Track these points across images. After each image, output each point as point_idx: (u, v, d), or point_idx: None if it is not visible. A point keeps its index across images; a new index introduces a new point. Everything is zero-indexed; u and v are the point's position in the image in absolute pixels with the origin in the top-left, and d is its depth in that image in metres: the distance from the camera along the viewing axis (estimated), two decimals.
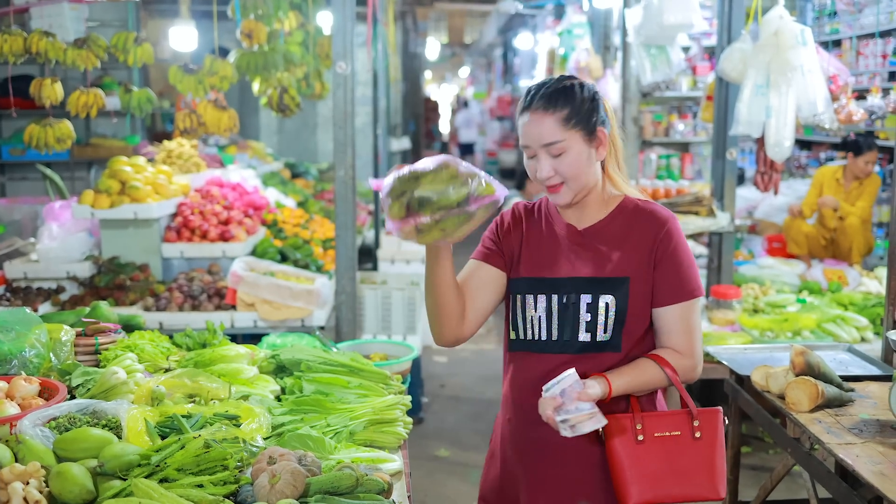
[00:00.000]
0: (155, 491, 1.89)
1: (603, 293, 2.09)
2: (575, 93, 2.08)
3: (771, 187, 5.04)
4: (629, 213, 2.15)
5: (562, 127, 2.05)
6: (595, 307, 2.09)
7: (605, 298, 2.09)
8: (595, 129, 2.08)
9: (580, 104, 2.07)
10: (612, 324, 2.09)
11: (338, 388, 2.65)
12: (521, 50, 16.28)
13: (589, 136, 2.08)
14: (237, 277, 4.45)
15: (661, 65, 6.39)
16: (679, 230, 2.13)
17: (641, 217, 2.14)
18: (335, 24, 4.37)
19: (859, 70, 6.49)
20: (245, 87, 8.05)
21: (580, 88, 2.09)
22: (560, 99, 2.06)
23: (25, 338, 2.65)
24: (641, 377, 2.08)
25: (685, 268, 2.11)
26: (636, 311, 2.11)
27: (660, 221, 2.12)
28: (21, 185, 8.48)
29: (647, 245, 2.11)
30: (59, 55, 4.25)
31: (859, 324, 4.57)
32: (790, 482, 4.35)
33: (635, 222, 2.13)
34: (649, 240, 2.11)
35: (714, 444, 2.09)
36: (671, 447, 2.07)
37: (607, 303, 2.09)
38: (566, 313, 2.11)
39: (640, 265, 2.10)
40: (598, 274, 2.11)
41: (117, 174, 4.77)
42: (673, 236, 2.11)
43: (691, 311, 2.11)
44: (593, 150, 2.09)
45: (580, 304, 2.10)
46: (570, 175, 2.07)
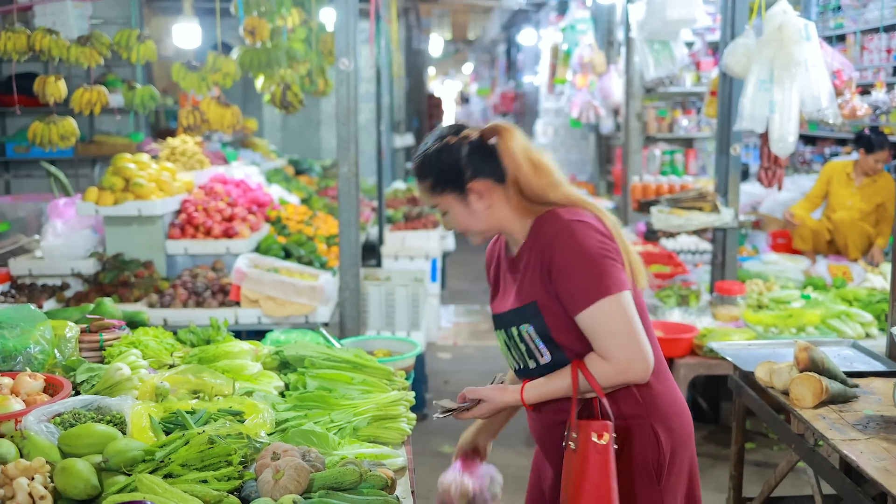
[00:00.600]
0: (159, 486, 1.90)
1: (522, 322, 2.16)
2: (436, 161, 2.18)
3: (775, 183, 5.03)
4: (535, 234, 2.16)
5: (432, 193, 2.22)
6: (522, 337, 2.17)
7: (526, 327, 2.16)
8: (465, 186, 2.16)
9: (441, 172, 2.17)
10: (543, 347, 2.15)
11: (341, 384, 2.65)
12: (524, 46, 16.26)
13: (461, 194, 2.18)
14: (241, 274, 4.46)
15: (664, 60, 6.38)
16: (568, 236, 2.07)
17: (539, 235, 2.14)
18: (338, 20, 4.37)
19: (863, 65, 6.47)
20: (248, 83, 8.05)
21: (442, 153, 2.17)
22: (423, 171, 2.21)
23: (30, 334, 2.66)
24: (551, 385, 2.13)
25: (581, 272, 2.05)
26: (560, 327, 2.11)
27: (547, 236, 2.11)
28: (25, 182, 8.50)
29: (540, 264, 2.11)
30: (63, 53, 4.26)
31: (864, 320, 4.56)
32: (794, 478, 4.35)
33: (536, 242, 2.15)
34: (540, 257, 2.11)
35: (584, 458, 2.05)
36: (568, 457, 2.11)
37: (528, 330, 2.15)
38: (512, 345, 2.22)
39: (540, 285, 2.12)
40: (516, 304, 2.18)
41: (121, 171, 4.77)
42: (558, 247, 2.07)
43: (602, 313, 2.04)
44: (474, 203, 2.18)
45: (514, 336, 2.20)
46: (461, 227, 2.23)
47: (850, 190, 6.21)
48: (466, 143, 2.17)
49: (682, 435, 2.22)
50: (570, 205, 2.16)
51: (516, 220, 2.19)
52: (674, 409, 2.21)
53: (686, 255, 6.76)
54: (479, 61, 28.28)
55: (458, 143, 2.17)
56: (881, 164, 6.08)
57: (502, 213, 2.19)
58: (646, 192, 7.51)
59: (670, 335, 4.47)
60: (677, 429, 2.21)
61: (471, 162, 2.16)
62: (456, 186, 2.17)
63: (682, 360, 4.43)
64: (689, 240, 6.91)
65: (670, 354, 4.43)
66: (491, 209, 2.18)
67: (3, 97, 7.72)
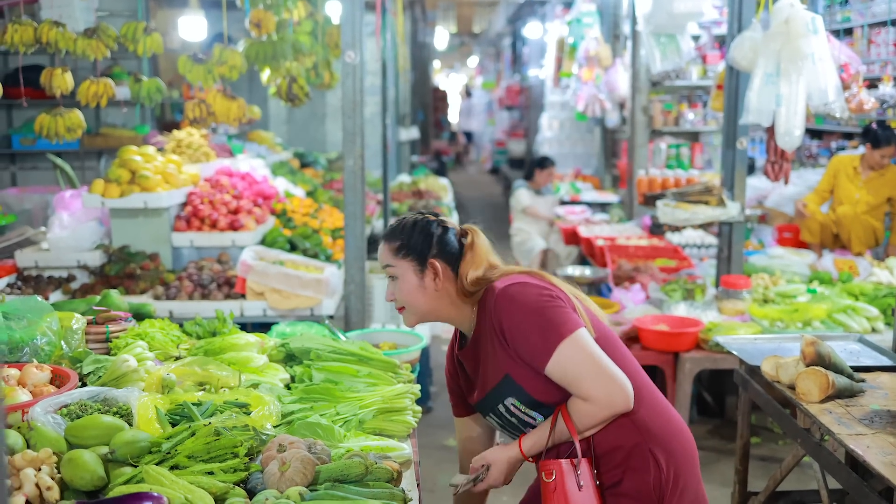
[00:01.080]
0: (166, 478, 1.90)
1: (504, 398, 2.22)
2: (410, 228, 2.31)
3: (781, 177, 5.02)
4: (481, 317, 2.25)
5: (393, 255, 2.30)
6: (510, 411, 2.23)
7: (510, 401, 2.22)
8: (426, 260, 2.27)
9: (411, 238, 2.29)
10: (532, 412, 2.21)
11: (347, 376, 2.66)
12: (530, 39, 16.22)
13: (420, 265, 2.27)
14: (247, 266, 4.46)
15: (670, 53, 6.37)
16: (507, 299, 2.16)
17: (483, 314, 2.23)
18: (344, 13, 4.36)
19: (871, 59, 6.44)
20: (254, 76, 8.05)
21: (418, 225, 2.31)
22: (394, 234, 2.32)
23: (37, 326, 2.67)
24: (541, 435, 2.20)
25: (531, 327, 2.13)
26: (539, 389, 2.17)
27: (489, 310, 2.20)
28: (31, 174, 8.51)
29: (495, 338, 2.19)
30: (70, 45, 4.26)
31: (870, 314, 4.55)
32: (800, 473, 4.34)
33: (483, 322, 2.24)
34: (492, 332, 2.19)
35: (548, 497, 2.16)
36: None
37: (513, 403, 2.22)
38: (505, 422, 2.28)
39: (504, 357, 2.18)
40: (491, 385, 2.23)
41: (127, 163, 4.78)
42: (502, 314, 2.16)
43: (565, 357, 2.10)
44: (426, 281, 2.27)
45: (503, 414, 2.25)
46: (406, 300, 2.30)
47: (856, 184, 6.19)
48: (442, 226, 2.32)
49: (684, 455, 2.23)
50: (504, 276, 2.25)
51: (461, 308, 2.29)
52: (671, 431, 2.24)
53: (692, 248, 6.75)
54: (485, 54, 28.23)
55: (436, 223, 2.32)
56: (887, 158, 6.07)
57: (448, 301, 2.29)
58: (651, 185, 7.51)
59: (676, 329, 4.47)
60: (678, 449, 2.23)
61: (440, 242, 2.28)
62: (419, 256, 2.27)
63: (688, 355, 4.43)
64: (694, 234, 6.90)
65: (676, 348, 4.43)
66: (438, 292, 2.27)
67: (10, 89, 7.69)
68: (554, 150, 11.88)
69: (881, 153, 6.01)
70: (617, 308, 4.89)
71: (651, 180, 7.47)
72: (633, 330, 4.52)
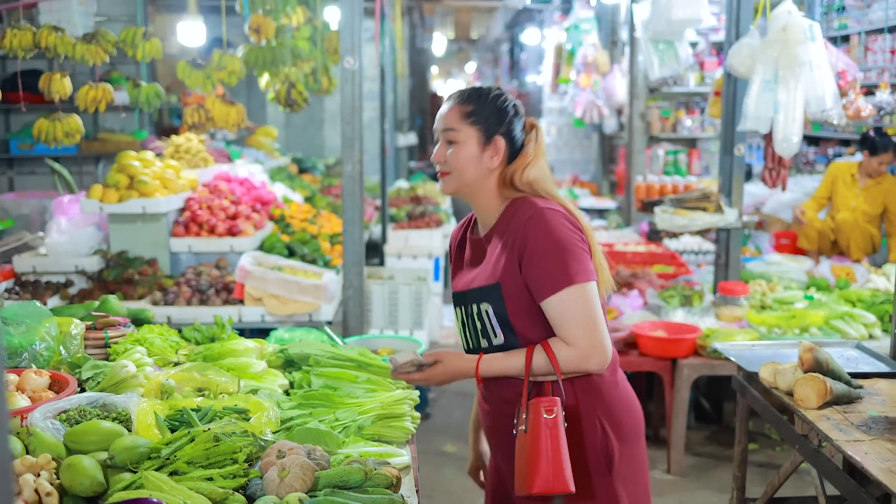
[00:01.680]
0: (165, 483, 1.90)
1: (482, 301, 2.20)
2: (488, 97, 2.25)
3: (779, 183, 5.03)
4: (507, 216, 2.21)
5: (462, 119, 2.23)
6: (480, 315, 2.21)
7: (484, 306, 2.20)
8: (493, 135, 2.22)
9: (487, 108, 2.23)
10: (498, 328, 2.19)
11: (346, 382, 2.66)
12: (527, 45, 16.25)
13: (486, 138, 2.22)
14: (245, 272, 4.46)
15: (668, 60, 6.37)
16: (543, 223, 2.13)
17: (512, 218, 2.19)
18: (343, 19, 4.37)
19: (868, 66, 6.46)
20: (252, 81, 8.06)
21: (497, 98, 2.25)
22: (472, 97, 2.25)
23: (36, 331, 2.67)
24: (510, 362, 2.16)
25: (551, 258, 2.11)
26: (518, 312, 2.16)
27: (521, 220, 2.15)
28: (29, 179, 8.50)
29: (511, 246, 2.16)
30: (68, 50, 4.26)
31: (867, 321, 4.56)
32: (798, 479, 4.35)
33: (507, 224, 2.20)
34: (513, 240, 2.16)
35: (536, 436, 2.08)
36: (520, 440, 2.13)
37: (486, 310, 2.20)
38: (470, 323, 2.26)
39: (507, 267, 2.16)
40: (480, 283, 2.22)
41: (126, 169, 4.78)
42: (532, 231, 2.13)
43: (569, 300, 2.10)
44: (487, 155, 2.22)
45: (472, 314, 2.24)
46: (456, 166, 2.23)
47: (853, 191, 6.20)
48: (516, 108, 2.26)
49: (630, 429, 2.27)
50: (548, 197, 2.23)
51: (494, 197, 2.25)
52: (624, 405, 2.27)
53: (689, 255, 6.76)
54: (482, 60, 28.26)
55: (512, 104, 2.26)
56: (885, 165, 6.08)
57: (489, 184, 2.24)
58: (649, 192, 7.52)
59: (673, 335, 4.47)
60: (626, 423, 2.26)
61: (510, 124, 2.24)
62: (488, 128, 2.22)
63: (686, 361, 4.43)
64: (692, 240, 6.91)
65: (673, 355, 4.43)
66: (489, 172, 2.23)
67: (9, 94, 7.71)
68: (551, 155, 11.89)
69: (879, 160, 6.03)
70: (615, 314, 4.89)
71: (649, 186, 7.48)
72: (630, 336, 4.53)
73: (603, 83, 9.26)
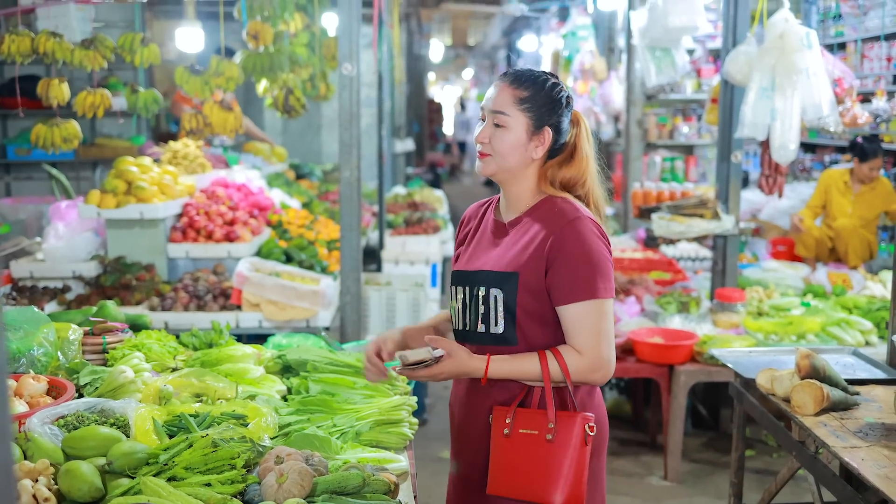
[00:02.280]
0: (163, 489, 1.90)
1: (494, 286, 2.16)
2: (545, 86, 2.18)
3: (776, 190, 5.04)
4: (542, 212, 2.18)
5: (514, 104, 2.16)
6: (488, 299, 2.17)
7: (494, 291, 2.16)
8: (543, 125, 2.17)
9: (542, 96, 2.17)
10: (501, 317, 2.15)
11: (344, 388, 2.66)
12: (524, 52, 16.28)
13: (535, 127, 2.16)
14: (242, 278, 4.46)
15: (665, 67, 6.39)
16: (582, 231, 2.11)
17: (549, 215, 2.16)
18: (341, 25, 4.38)
19: (864, 73, 6.49)
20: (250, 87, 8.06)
21: (553, 88, 2.19)
22: (528, 82, 2.18)
23: (34, 336, 2.67)
24: (520, 366, 2.12)
25: (581, 268, 2.09)
26: (527, 307, 2.13)
27: (561, 221, 2.13)
28: (26, 184, 8.49)
29: (542, 243, 2.12)
30: (67, 55, 4.27)
31: (863, 327, 4.57)
32: (794, 486, 4.35)
33: (542, 220, 2.16)
34: (545, 238, 2.12)
35: (565, 449, 2.08)
36: (530, 445, 2.11)
37: (496, 296, 2.15)
38: (472, 305, 2.21)
39: (531, 262, 2.13)
40: (496, 268, 2.18)
41: (123, 174, 4.78)
42: (568, 236, 2.10)
43: (590, 311, 2.09)
44: (532, 144, 2.17)
45: (477, 296, 2.19)
46: (500, 151, 2.17)
47: (848, 198, 6.22)
48: (569, 100, 2.22)
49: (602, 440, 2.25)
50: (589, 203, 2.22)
51: (530, 187, 2.21)
52: (602, 417, 2.25)
53: (686, 261, 6.77)
54: (480, 67, 28.33)
55: (568, 97, 2.22)
56: (875, 171, 6.10)
57: (529, 172, 2.21)
58: (646, 198, 7.51)
59: (670, 342, 4.48)
60: (601, 435, 2.23)
61: (562, 115, 2.19)
62: (539, 117, 2.16)
63: (683, 367, 4.44)
64: (689, 246, 6.92)
65: (671, 361, 4.44)
66: (532, 161, 2.19)
67: (6, 99, 7.73)
68: None
69: (869, 166, 6.05)
70: None
71: (646, 193, 7.49)
72: (628, 342, 4.53)
73: (600, 90, 9.28)
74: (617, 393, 5.60)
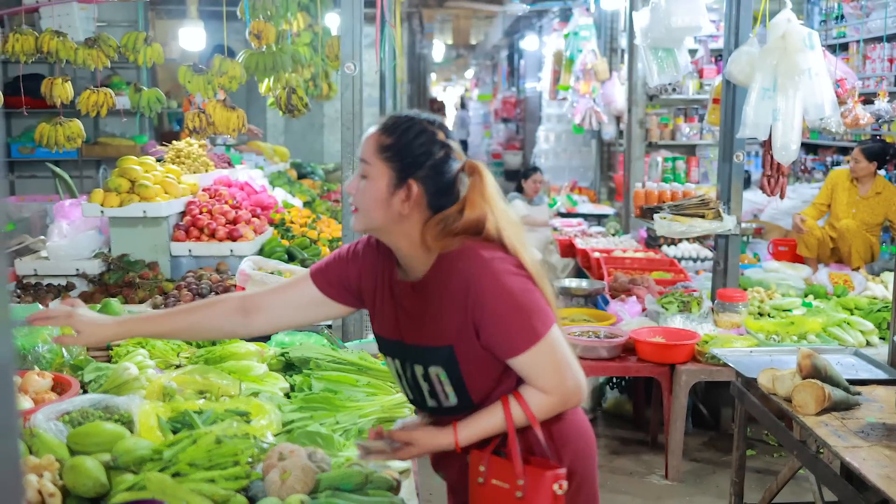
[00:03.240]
0: (167, 485, 1.91)
1: (432, 364, 1.97)
2: (410, 132, 1.94)
3: (777, 191, 5.05)
4: (444, 272, 1.93)
5: (377, 152, 1.94)
6: (429, 377, 1.99)
7: (435, 370, 1.97)
8: (406, 178, 1.92)
9: (404, 145, 1.93)
10: (451, 391, 1.98)
11: (346, 386, 2.67)
12: (526, 52, 16.29)
13: (397, 179, 1.92)
14: (245, 276, 4.47)
15: (667, 67, 6.39)
16: (495, 279, 1.88)
17: (453, 275, 1.91)
18: (343, 25, 4.39)
19: (866, 74, 6.50)
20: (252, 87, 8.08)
21: (420, 134, 1.94)
22: (394, 128, 1.95)
23: (38, 333, 2.68)
24: (486, 424, 1.96)
25: (513, 319, 1.89)
26: (473, 371, 1.96)
27: (465, 282, 1.89)
28: (30, 182, 8.52)
29: (460, 310, 1.90)
30: (70, 55, 4.29)
31: (865, 328, 4.58)
32: (795, 485, 4.36)
33: (448, 282, 1.92)
34: (461, 304, 1.90)
35: None
36: (501, 499, 1.96)
37: (438, 374, 1.97)
38: (413, 381, 2.04)
39: (460, 330, 1.92)
40: (425, 342, 1.97)
41: (127, 173, 4.79)
42: (485, 291, 1.88)
43: (538, 353, 1.90)
44: (395, 199, 1.92)
45: (416, 374, 2.01)
46: (362, 205, 1.96)
47: (854, 198, 6.23)
48: (446, 151, 1.96)
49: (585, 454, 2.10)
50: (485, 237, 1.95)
51: (416, 246, 1.96)
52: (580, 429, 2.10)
53: (687, 261, 6.78)
54: (481, 67, 28.33)
55: (440, 145, 1.95)
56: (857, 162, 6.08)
57: (408, 229, 1.95)
58: (648, 198, 7.52)
59: (672, 341, 4.49)
60: (582, 448, 2.09)
61: (433, 168, 1.93)
62: (402, 168, 1.92)
63: (684, 367, 4.45)
64: (690, 247, 6.93)
65: (672, 361, 4.45)
66: (400, 217, 1.94)
67: (10, 98, 7.75)
68: (550, 162, 11.92)
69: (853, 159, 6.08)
70: (613, 320, 4.91)
71: (647, 193, 7.50)
72: (629, 342, 4.54)
73: (602, 90, 9.29)
74: (618, 392, 5.60)
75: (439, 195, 1.94)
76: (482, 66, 28.02)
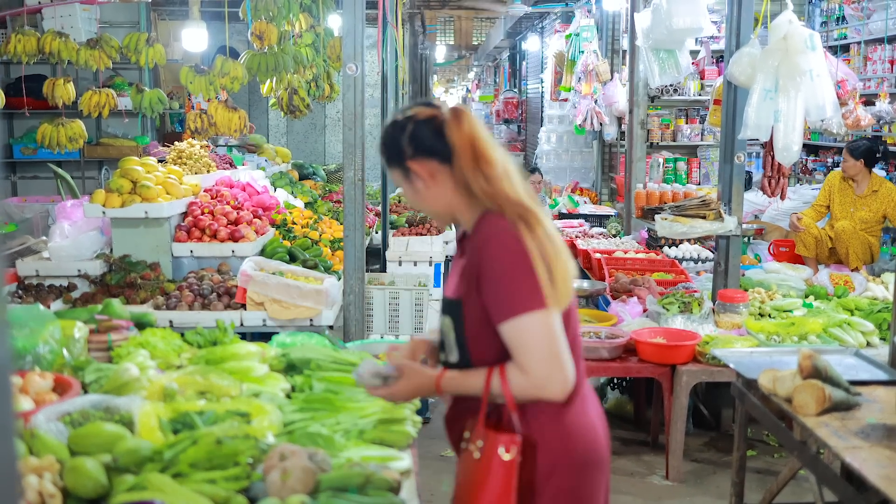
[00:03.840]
0: (168, 486, 1.92)
1: (446, 313, 2.12)
2: (386, 135, 2.14)
3: (778, 192, 5.05)
4: (476, 231, 2.06)
5: (387, 166, 2.19)
6: (443, 329, 2.13)
7: (445, 319, 2.11)
8: (405, 167, 2.09)
9: (388, 145, 2.13)
10: (454, 346, 2.09)
11: (347, 386, 2.67)
12: (528, 53, 16.29)
13: (404, 172, 2.11)
14: (247, 277, 4.48)
15: (669, 69, 6.40)
16: (500, 245, 1.98)
17: (475, 236, 2.05)
18: (345, 26, 4.39)
19: (867, 75, 6.50)
20: (254, 87, 8.09)
21: (389, 129, 2.13)
22: (382, 141, 2.16)
23: (39, 334, 2.68)
24: (466, 382, 2.05)
25: (505, 285, 1.97)
26: (475, 334, 2.04)
27: (480, 241, 2.01)
28: (32, 183, 8.53)
29: (472, 267, 2.02)
30: (72, 55, 4.30)
31: (865, 329, 4.57)
32: (796, 486, 4.35)
33: (472, 242, 2.05)
34: (474, 261, 2.02)
35: (486, 469, 1.98)
36: (467, 462, 2.05)
37: (448, 324, 2.10)
38: (440, 332, 2.19)
39: (469, 288, 2.03)
40: (447, 293, 2.14)
41: (129, 174, 4.80)
42: (487, 255, 1.98)
43: (524, 327, 1.95)
44: (418, 186, 2.10)
45: (441, 325, 2.16)
46: (414, 205, 2.20)
47: (851, 198, 6.23)
48: (412, 121, 2.09)
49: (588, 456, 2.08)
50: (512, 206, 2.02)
51: (464, 208, 2.09)
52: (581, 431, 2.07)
53: (688, 262, 6.78)
54: (483, 68, 28.32)
55: (405, 121, 2.10)
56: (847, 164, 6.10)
57: (448, 198, 2.09)
58: (649, 199, 7.54)
59: (673, 342, 4.49)
60: (580, 450, 2.07)
61: (413, 140, 2.07)
62: (399, 163, 2.10)
63: (685, 367, 4.45)
64: (691, 247, 6.93)
65: (673, 361, 4.45)
66: (433, 191, 2.09)
67: (12, 99, 7.76)
68: (552, 163, 11.92)
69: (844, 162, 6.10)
70: (614, 321, 4.91)
71: (649, 194, 7.51)
72: (630, 342, 4.54)
73: (603, 91, 9.29)
74: (619, 392, 5.60)
75: (435, 151, 2.07)
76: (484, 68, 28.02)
